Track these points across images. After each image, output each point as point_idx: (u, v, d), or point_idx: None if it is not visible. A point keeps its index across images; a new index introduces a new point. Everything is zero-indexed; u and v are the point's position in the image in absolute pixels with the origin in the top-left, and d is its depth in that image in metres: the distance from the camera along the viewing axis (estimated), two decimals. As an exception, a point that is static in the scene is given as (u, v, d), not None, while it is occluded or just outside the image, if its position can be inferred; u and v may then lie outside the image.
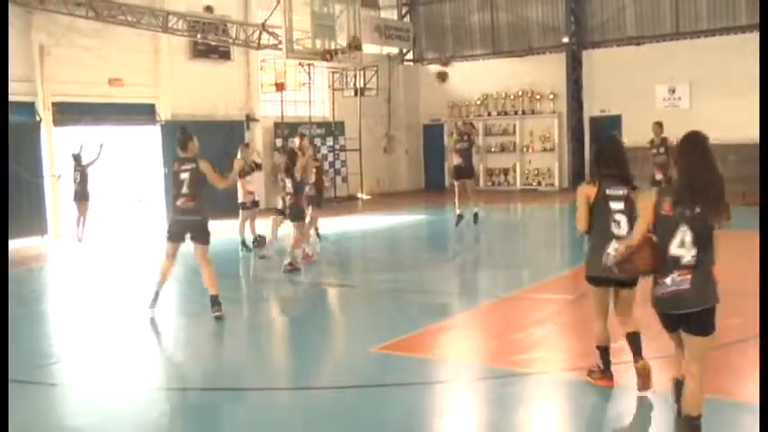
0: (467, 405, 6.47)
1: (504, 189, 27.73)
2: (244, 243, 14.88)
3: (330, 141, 25.60)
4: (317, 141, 25.00)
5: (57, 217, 18.57)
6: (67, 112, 18.67)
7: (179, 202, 9.38)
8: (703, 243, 4.72)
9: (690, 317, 4.77)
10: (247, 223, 14.99)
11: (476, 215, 16.10)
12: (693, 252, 4.69)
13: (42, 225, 18.03)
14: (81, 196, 17.28)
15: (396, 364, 7.42)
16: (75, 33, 18.75)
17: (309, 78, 23.62)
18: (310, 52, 18.94)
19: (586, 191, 6.07)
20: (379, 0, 29.80)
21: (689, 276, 4.70)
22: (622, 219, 5.92)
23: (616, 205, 5.95)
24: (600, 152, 6.22)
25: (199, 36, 19.88)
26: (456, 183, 16.24)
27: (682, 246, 4.70)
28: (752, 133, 23.43)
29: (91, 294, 11.51)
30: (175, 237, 9.53)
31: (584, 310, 9.32)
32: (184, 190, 9.30)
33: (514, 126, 28.15)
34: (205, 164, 9.33)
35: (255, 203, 15.18)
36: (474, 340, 8.46)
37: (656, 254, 4.80)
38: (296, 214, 12.61)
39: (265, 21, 19.37)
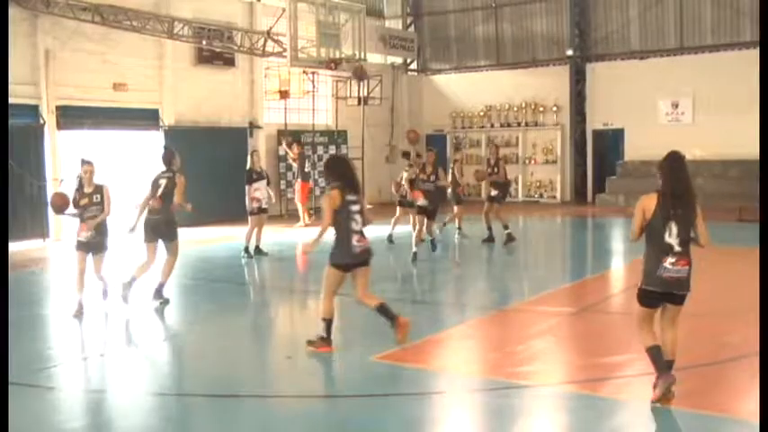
0: (465, 416, 6.47)
1: (506, 201, 27.70)
2: (246, 249, 14.93)
3: (333, 149, 25.61)
4: (320, 149, 25.07)
5: (58, 220, 18.55)
6: (71, 116, 18.73)
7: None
8: (687, 236, 6.11)
9: (678, 295, 6.16)
10: (254, 230, 15.06)
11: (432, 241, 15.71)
12: (679, 242, 6.05)
13: (44, 228, 18.04)
14: None
15: (394, 373, 7.42)
16: (80, 38, 18.82)
17: (313, 86, 23.66)
18: (315, 60, 18.96)
19: (334, 196, 7.64)
20: (385, 10, 29.91)
21: (687, 267, 6.09)
22: (358, 217, 7.73)
23: (354, 207, 7.72)
24: (335, 166, 8.05)
25: (204, 42, 19.92)
26: (417, 216, 14.95)
27: (671, 236, 6.05)
28: (753, 149, 23.50)
29: (91, 298, 11.50)
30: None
31: (585, 324, 9.35)
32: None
33: (517, 138, 28.17)
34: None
35: (262, 210, 15.20)
36: (473, 352, 8.45)
37: None
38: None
39: (270, 28, 19.41)
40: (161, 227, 10.48)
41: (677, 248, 6.05)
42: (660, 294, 6.17)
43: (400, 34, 28.96)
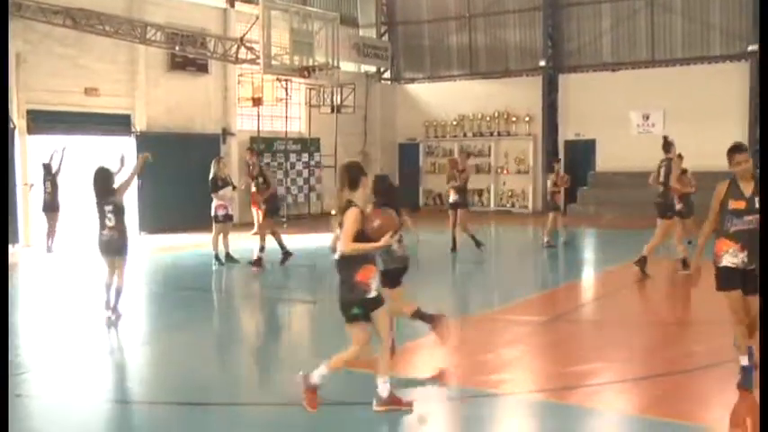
0: (435, 425, 6.47)
1: (478, 210, 27.73)
2: (217, 257, 14.86)
3: (305, 157, 25.60)
4: (293, 157, 25.05)
5: (28, 226, 18.39)
6: (42, 121, 18.55)
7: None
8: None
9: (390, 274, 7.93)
10: (221, 237, 14.99)
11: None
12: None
13: (13, 234, 17.81)
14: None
15: (364, 382, 7.40)
16: (52, 41, 18.67)
17: (286, 94, 23.66)
18: (288, 68, 18.96)
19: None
20: (359, 18, 29.98)
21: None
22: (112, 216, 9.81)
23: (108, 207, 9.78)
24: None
25: (177, 48, 19.83)
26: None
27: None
28: (724, 162, 23.77)
29: (60, 304, 11.41)
30: None
31: (556, 333, 9.40)
32: None
33: (490, 147, 28.32)
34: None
35: (228, 217, 15.13)
36: (443, 360, 8.46)
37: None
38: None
39: (243, 35, 19.38)
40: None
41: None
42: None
43: (374, 43, 29.07)
